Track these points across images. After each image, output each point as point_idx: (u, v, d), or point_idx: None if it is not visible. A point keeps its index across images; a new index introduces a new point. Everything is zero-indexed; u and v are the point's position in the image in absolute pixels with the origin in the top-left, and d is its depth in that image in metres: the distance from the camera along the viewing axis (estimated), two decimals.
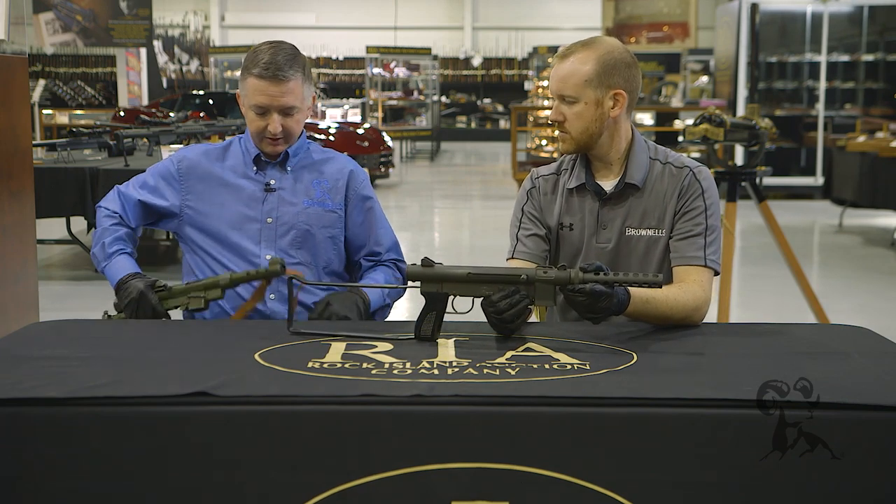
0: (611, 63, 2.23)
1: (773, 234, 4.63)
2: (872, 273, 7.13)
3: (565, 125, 2.26)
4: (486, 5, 25.64)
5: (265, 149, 2.39)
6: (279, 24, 24.19)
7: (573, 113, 2.24)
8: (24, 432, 1.53)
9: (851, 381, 1.66)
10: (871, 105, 11.80)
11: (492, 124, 24.35)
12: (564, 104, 2.25)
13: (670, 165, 2.30)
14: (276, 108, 2.32)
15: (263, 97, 2.31)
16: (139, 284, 2.27)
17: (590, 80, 2.22)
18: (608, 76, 2.23)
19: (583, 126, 2.25)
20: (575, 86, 2.23)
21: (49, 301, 5.24)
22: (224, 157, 2.46)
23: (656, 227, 2.28)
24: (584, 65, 2.22)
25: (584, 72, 2.22)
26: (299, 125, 2.39)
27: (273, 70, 2.30)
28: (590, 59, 2.23)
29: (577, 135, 2.26)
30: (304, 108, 2.38)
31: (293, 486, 1.52)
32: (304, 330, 2.00)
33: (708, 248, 2.23)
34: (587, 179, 2.31)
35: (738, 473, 1.53)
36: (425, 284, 1.95)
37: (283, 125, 2.34)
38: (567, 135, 2.27)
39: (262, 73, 2.30)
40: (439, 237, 9.46)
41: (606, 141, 2.28)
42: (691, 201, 2.26)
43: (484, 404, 1.56)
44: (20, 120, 4.00)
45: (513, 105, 15.55)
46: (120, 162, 6.64)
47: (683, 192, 2.26)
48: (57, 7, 12.89)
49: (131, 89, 14.57)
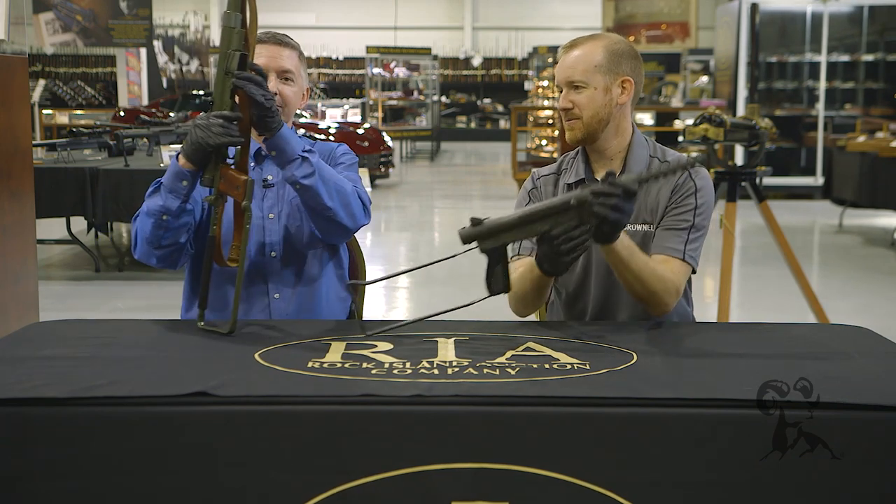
0: (618, 52, 2.27)
1: (773, 234, 4.63)
2: (872, 273, 7.13)
3: (574, 111, 2.28)
4: (486, 5, 25.64)
5: None
6: (279, 24, 24.13)
7: (583, 98, 2.26)
8: (24, 432, 1.53)
9: (851, 381, 1.66)
10: (871, 105, 11.80)
11: (492, 124, 24.35)
12: (573, 91, 2.27)
13: (668, 164, 2.31)
14: (274, 68, 2.34)
15: (262, 58, 2.32)
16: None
17: (599, 66, 2.25)
18: (616, 64, 2.26)
19: (593, 111, 2.26)
20: (584, 71, 2.26)
21: (49, 301, 5.24)
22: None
23: (650, 221, 2.29)
24: (593, 52, 2.26)
25: (594, 58, 2.26)
26: (295, 98, 2.39)
27: (272, 35, 2.37)
28: (598, 48, 2.27)
29: (587, 120, 2.27)
30: (300, 85, 2.39)
31: (293, 486, 1.52)
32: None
33: (689, 245, 2.24)
34: (586, 174, 2.33)
35: (738, 473, 1.53)
36: (483, 242, 1.95)
37: (280, 91, 2.34)
38: (577, 121, 2.28)
39: (262, 38, 2.35)
40: (439, 237, 9.46)
41: (611, 131, 2.30)
42: (683, 198, 2.27)
43: (484, 404, 1.56)
44: (20, 120, 4.00)
45: (513, 105, 15.55)
46: (120, 162, 6.64)
47: (677, 188, 2.28)
48: (57, 7, 12.90)
49: (131, 89, 14.58)
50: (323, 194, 2.20)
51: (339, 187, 2.23)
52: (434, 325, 2.05)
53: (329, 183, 2.21)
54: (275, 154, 2.17)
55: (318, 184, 2.18)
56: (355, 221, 2.29)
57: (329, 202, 2.21)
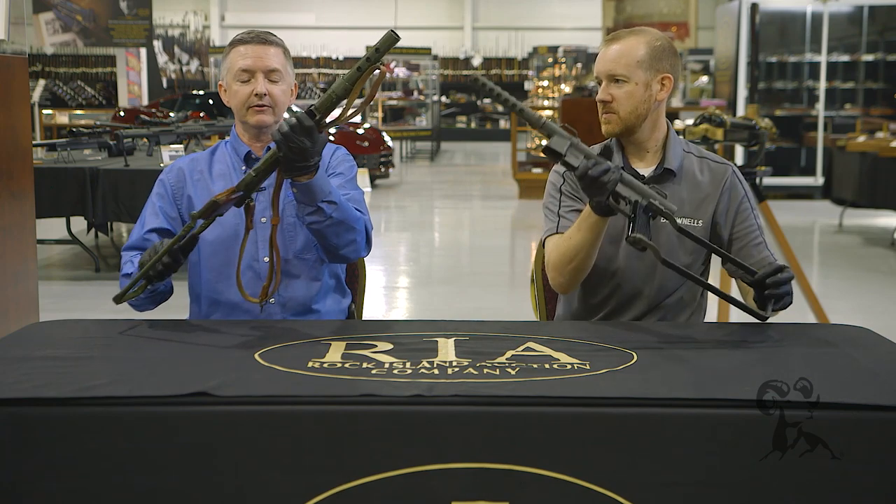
0: (660, 48, 2.28)
1: (773, 234, 4.63)
2: (872, 273, 7.13)
3: (613, 105, 2.28)
4: (486, 5, 25.64)
5: (251, 119, 2.35)
6: (279, 24, 24.18)
7: (623, 93, 2.26)
8: (24, 432, 1.53)
9: (851, 381, 1.67)
10: (871, 105, 11.80)
11: (492, 124, 24.35)
12: (614, 85, 2.27)
13: (708, 160, 2.37)
14: (260, 68, 2.32)
15: (248, 59, 2.32)
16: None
17: (641, 62, 2.26)
18: (658, 60, 2.27)
19: (632, 106, 2.27)
20: (627, 65, 2.26)
21: (49, 301, 5.24)
22: (211, 162, 2.44)
23: (692, 216, 2.31)
24: (636, 47, 2.27)
25: (637, 53, 2.26)
26: (284, 96, 2.37)
27: (255, 34, 2.36)
28: (641, 43, 2.27)
29: (625, 115, 2.28)
30: (288, 81, 2.38)
31: (293, 486, 1.52)
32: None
33: (765, 238, 2.36)
34: (624, 164, 2.33)
35: (738, 473, 1.53)
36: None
37: (269, 90, 2.33)
38: (614, 115, 2.28)
39: (246, 38, 2.35)
40: (439, 237, 9.46)
41: (649, 126, 2.31)
42: (740, 202, 2.34)
43: (484, 404, 1.56)
44: (20, 120, 4.00)
45: None
46: (120, 162, 6.64)
47: (731, 192, 2.33)
48: (57, 7, 12.89)
49: (131, 89, 14.58)
50: (330, 236, 2.25)
51: (349, 225, 2.25)
52: (434, 325, 2.05)
53: (340, 225, 2.23)
54: (298, 194, 2.17)
55: (329, 229, 2.22)
56: (357, 255, 2.33)
57: (334, 240, 2.26)
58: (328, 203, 2.18)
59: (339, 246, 2.27)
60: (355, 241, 2.28)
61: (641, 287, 2.32)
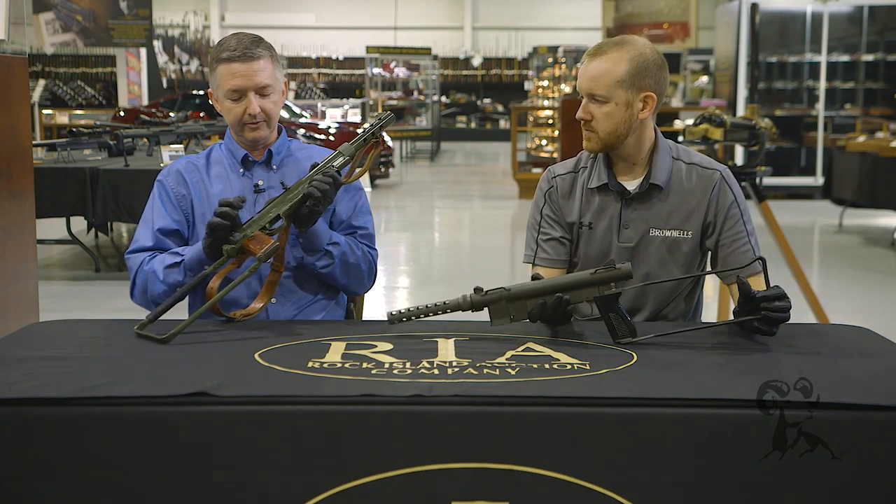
0: (643, 65, 2.21)
1: (773, 234, 4.63)
2: (872, 273, 7.13)
3: (592, 124, 2.25)
4: (486, 5, 25.64)
5: (247, 135, 2.36)
6: (279, 24, 24.20)
7: (602, 113, 2.23)
8: (24, 432, 1.53)
9: (851, 381, 1.67)
10: (871, 105, 11.80)
11: (492, 124, 24.35)
12: (594, 103, 2.24)
13: (696, 166, 2.30)
14: (251, 87, 2.31)
15: (237, 79, 2.30)
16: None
17: (622, 82, 2.21)
18: (640, 78, 2.21)
19: (611, 126, 2.24)
20: (606, 86, 2.21)
21: (49, 301, 5.24)
22: (208, 164, 2.44)
23: (681, 227, 2.28)
24: (617, 65, 2.20)
25: (617, 72, 2.20)
26: (277, 107, 2.37)
27: (241, 50, 2.30)
28: (622, 60, 2.21)
29: (604, 135, 2.25)
30: (279, 89, 2.37)
31: (293, 486, 1.52)
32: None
33: (753, 242, 2.29)
34: (609, 179, 2.30)
35: (738, 473, 1.53)
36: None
37: (262, 107, 2.33)
38: (594, 134, 2.26)
39: (232, 56, 2.30)
40: (439, 237, 9.46)
41: (632, 142, 2.27)
42: (728, 208, 2.28)
43: (484, 404, 1.56)
44: (20, 120, 4.00)
45: (513, 105, 15.53)
46: (120, 162, 6.64)
47: (719, 199, 2.27)
48: (57, 7, 12.89)
49: (131, 89, 14.57)
50: (339, 276, 2.36)
51: (356, 266, 2.36)
52: (434, 325, 2.05)
53: (346, 264, 2.34)
54: (303, 241, 2.29)
55: (335, 271, 2.34)
56: (361, 290, 2.46)
57: (343, 280, 2.38)
58: (333, 245, 2.31)
59: (348, 284, 2.40)
60: (360, 278, 2.40)
61: (639, 306, 2.32)
